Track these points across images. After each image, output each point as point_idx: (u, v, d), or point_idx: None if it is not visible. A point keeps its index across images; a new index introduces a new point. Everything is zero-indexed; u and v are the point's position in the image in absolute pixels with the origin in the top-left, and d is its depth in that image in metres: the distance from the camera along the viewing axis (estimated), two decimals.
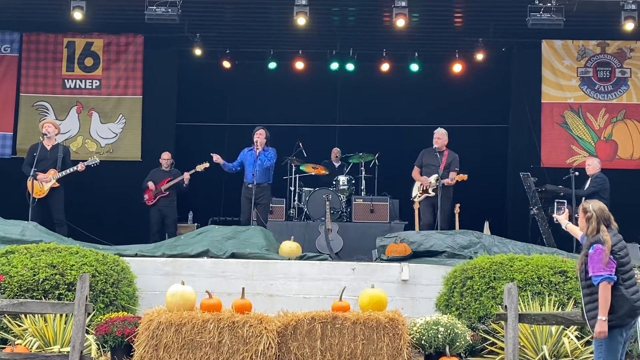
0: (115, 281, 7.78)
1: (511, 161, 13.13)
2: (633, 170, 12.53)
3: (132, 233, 10.80)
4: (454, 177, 10.36)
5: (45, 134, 10.43)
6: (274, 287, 8.57)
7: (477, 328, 7.42)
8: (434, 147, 10.57)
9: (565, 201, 6.51)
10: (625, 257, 5.55)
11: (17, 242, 8.45)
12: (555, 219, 6.50)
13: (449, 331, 6.96)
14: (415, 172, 10.65)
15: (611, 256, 5.42)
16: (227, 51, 13.51)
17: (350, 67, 13.62)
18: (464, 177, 10.43)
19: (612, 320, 5.40)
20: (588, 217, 5.60)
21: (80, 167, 10.33)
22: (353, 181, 12.29)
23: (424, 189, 10.44)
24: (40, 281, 7.43)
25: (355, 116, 14.07)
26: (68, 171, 10.27)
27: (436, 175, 10.33)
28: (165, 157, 11.88)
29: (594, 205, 5.64)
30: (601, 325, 5.39)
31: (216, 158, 10.85)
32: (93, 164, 10.51)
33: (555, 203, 6.52)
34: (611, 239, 5.49)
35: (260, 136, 10.64)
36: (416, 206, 10.64)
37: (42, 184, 10.16)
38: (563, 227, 6.43)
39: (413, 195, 10.64)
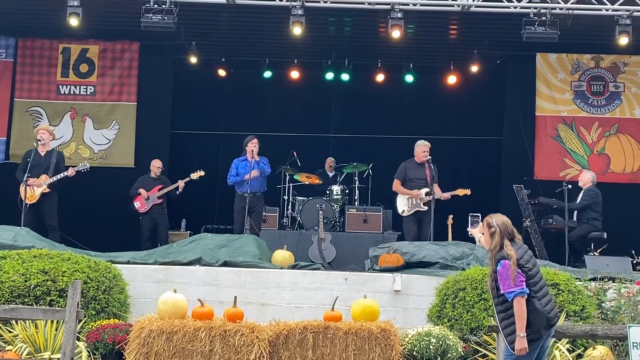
0: (107, 288, 7.75)
1: (504, 173, 13.15)
2: (625, 184, 12.59)
3: (124, 240, 10.77)
4: (453, 192, 10.32)
5: (39, 140, 10.41)
6: (266, 296, 8.55)
7: (468, 339, 7.42)
8: (424, 159, 10.38)
9: (479, 214, 6.44)
10: (534, 268, 5.48)
11: (9, 248, 8.41)
12: (469, 233, 6.44)
13: (440, 342, 6.96)
14: (398, 185, 10.44)
15: (519, 270, 5.36)
16: (223, 59, 13.55)
17: (345, 77, 13.67)
18: (467, 191, 10.41)
19: (529, 335, 5.35)
20: (492, 232, 5.49)
21: (71, 172, 10.32)
22: (347, 191, 12.29)
23: (415, 202, 10.32)
24: (31, 287, 7.39)
25: (350, 126, 14.09)
26: (59, 176, 10.25)
27: (426, 189, 10.28)
28: (157, 165, 11.81)
29: (498, 220, 5.54)
30: (521, 342, 5.32)
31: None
32: (83, 169, 10.50)
33: (470, 217, 6.46)
34: (516, 252, 5.42)
35: (256, 146, 10.68)
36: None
37: (34, 189, 10.14)
38: (477, 241, 6.30)
39: (401, 210, 10.46)
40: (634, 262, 9.09)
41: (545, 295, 5.50)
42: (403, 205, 10.43)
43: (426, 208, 10.20)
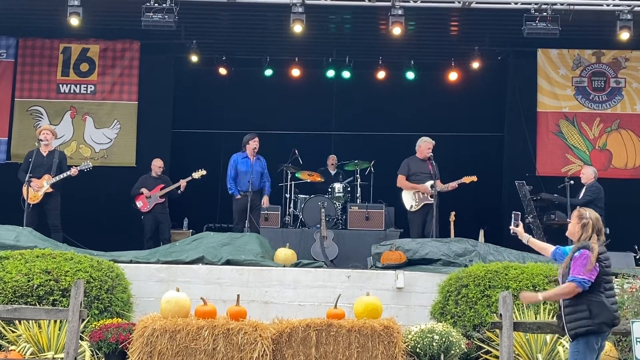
0: (110, 287, 7.76)
1: (506, 169, 13.15)
2: (627, 179, 12.59)
3: (126, 239, 10.77)
4: (460, 181, 10.32)
5: (42, 141, 10.40)
6: (269, 294, 8.56)
7: (472, 336, 7.42)
8: (427, 155, 10.38)
9: (519, 213, 6.32)
10: (609, 267, 5.61)
11: (11, 248, 8.41)
12: (512, 231, 6.38)
13: (443, 339, 6.96)
14: (404, 181, 10.43)
15: (596, 263, 5.46)
16: (224, 58, 13.53)
17: (346, 74, 13.65)
18: (474, 178, 10.39)
19: (590, 326, 5.42)
20: (584, 224, 5.62)
21: (73, 171, 10.31)
22: (348, 188, 12.29)
23: (423, 196, 10.31)
24: (34, 287, 7.40)
25: (351, 124, 14.08)
26: (62, 176, 10.25)
27: (431, 182, 10.29)
28: (159, 164, 11.77)
29: (592, 214, 5.68)
30: (531, 297, 5.77)
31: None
32: (86, 169, 10.49)
33: (512, 214, 6.32)
34: (598, 247, 5.54)
35: (257, 144, 10.72)
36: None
37: (36, 190, 10.13)
38: (524, 242, 6.27)
39: (409, 205, 10.44)
40: (637, 257, 9.08)
41: (613, 296, 5.61)
42: (410, 200, 10.41)
43: (433, 200, 10.20)
